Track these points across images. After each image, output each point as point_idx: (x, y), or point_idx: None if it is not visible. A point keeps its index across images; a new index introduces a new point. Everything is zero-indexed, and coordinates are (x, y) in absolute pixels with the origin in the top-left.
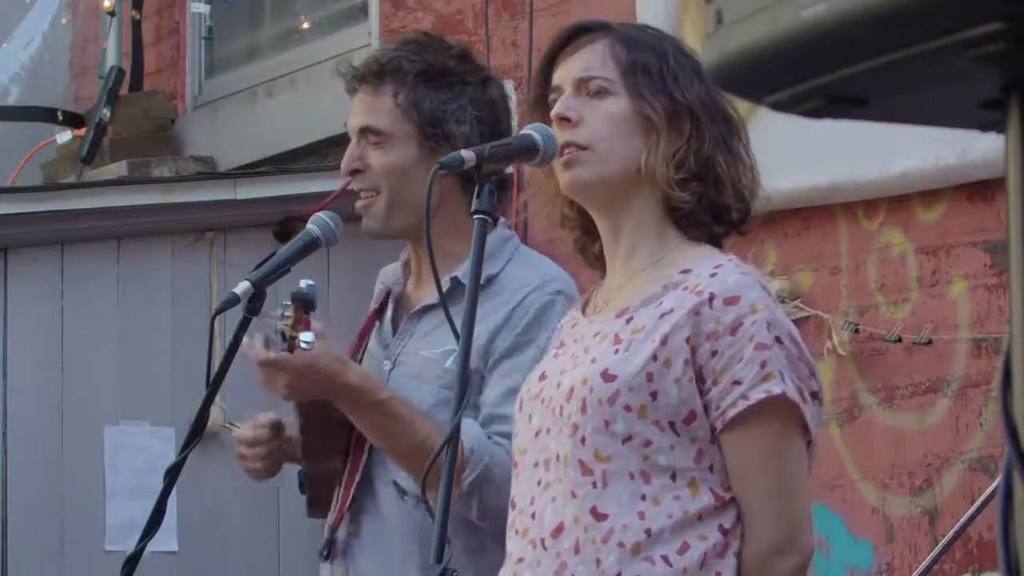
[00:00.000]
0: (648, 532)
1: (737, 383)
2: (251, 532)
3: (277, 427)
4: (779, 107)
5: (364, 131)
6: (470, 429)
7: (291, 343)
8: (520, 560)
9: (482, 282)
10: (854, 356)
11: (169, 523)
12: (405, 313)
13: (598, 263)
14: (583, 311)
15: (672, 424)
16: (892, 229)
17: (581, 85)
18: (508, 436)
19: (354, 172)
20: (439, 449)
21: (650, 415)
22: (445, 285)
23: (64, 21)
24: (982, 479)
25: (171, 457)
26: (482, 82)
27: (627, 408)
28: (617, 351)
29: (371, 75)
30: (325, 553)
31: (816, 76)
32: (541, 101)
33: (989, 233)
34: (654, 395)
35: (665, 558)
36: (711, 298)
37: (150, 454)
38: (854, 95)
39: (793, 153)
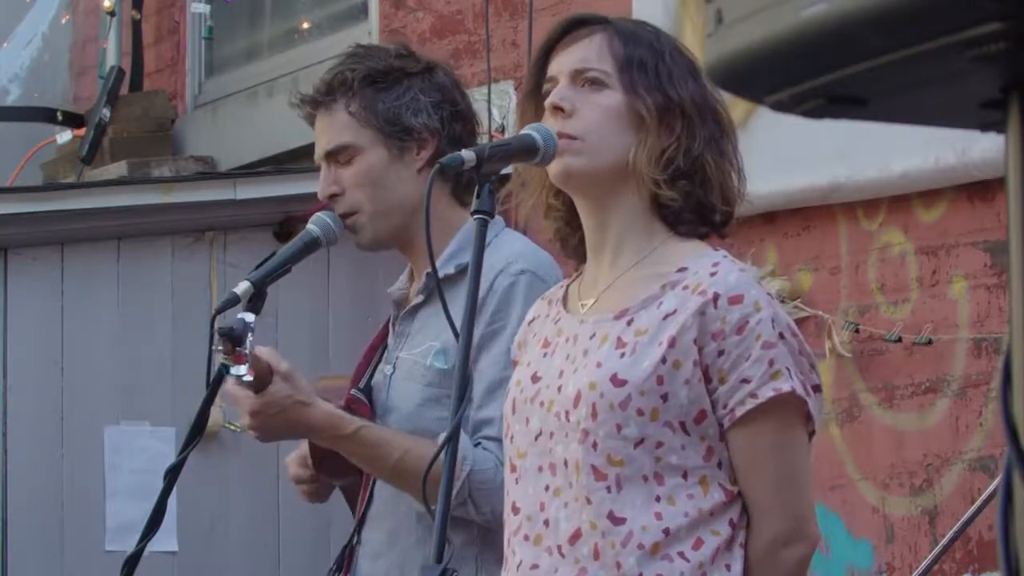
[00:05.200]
0: (666, 532)
1: (746, 381)
2: (251, 532)
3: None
4: (779, 107)
5: (330, 155)
6: None
7: (234, 377)
8: (535, 567)
9: (453, 271)
10: (854, 356)
11: (169, 523)
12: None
13: (575, 254)
14: (564, 306)
15: (683, 424)
16: (892, 229)
17: (577, 76)
18: (494, 439)
19: (332, 196)
20: (439, 450)
21: (661, 417)
22: (424, 281)
23: (64, 21)
24: (982, 479)
25: (171, 457)
26: (426, 71)
27: (639, 412)
28: (623, 355)
29: (320, 95)
30: (334, 568)
31: (816, 76)
32: (535, 91)
33: (989, 233)
34: (665, 397)
35: (682, 554)
36: (715, 298)
37: (150, 454)
38: (854, 95)
39: (793, 153)
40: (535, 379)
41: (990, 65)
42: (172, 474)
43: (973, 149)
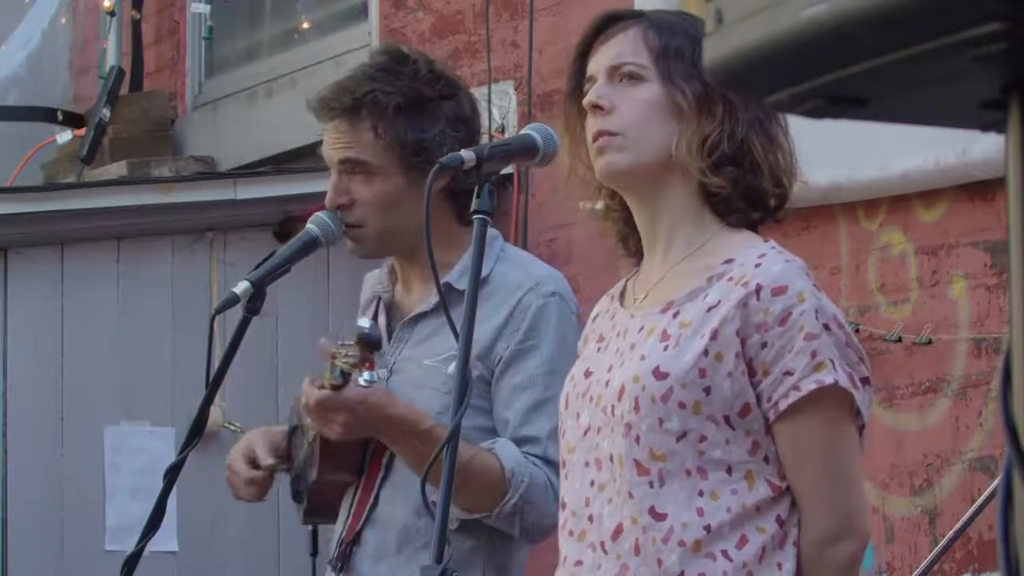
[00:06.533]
0: (708, 528)
1: (788, 374)
2: (251, 532)
3: (273, 467)
4: (779, 107)
5: (346, 163)
6: (508, 451)
7: (346, 379)
8: (579, 563)
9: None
10: None
11: (169, 523)
12: (397, 321)
13: (635, 252)
14: (620, 302)
15: (727, 418)
16: (892, 229)
17: (613, 72)
18: (539, 456)
19: (340, 207)
20: (439, 449)
21: (704, 410)
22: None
23: (64, 21)
24: (982, 479)
25: (171, 457)
26: (454, 96)
27: (681, 405)
28: (667, 347)
29: (346, 110)
30: (338, 565)
31: (816, 76)
32: (576, 92)
33: (989, 233)
34: (708, 390)
35: (725, 553)
36: (758, 289)
37: (150, 454)
38: (854, 95)
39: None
40: (587, 374)
41: (990, 65)
42: (172, 474)
43: (973, 149)
